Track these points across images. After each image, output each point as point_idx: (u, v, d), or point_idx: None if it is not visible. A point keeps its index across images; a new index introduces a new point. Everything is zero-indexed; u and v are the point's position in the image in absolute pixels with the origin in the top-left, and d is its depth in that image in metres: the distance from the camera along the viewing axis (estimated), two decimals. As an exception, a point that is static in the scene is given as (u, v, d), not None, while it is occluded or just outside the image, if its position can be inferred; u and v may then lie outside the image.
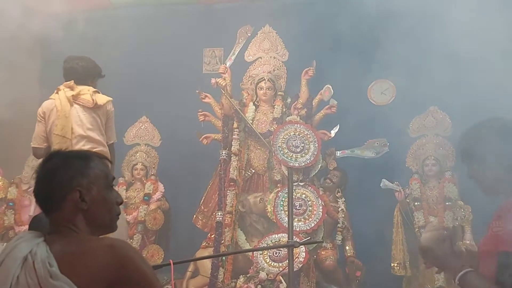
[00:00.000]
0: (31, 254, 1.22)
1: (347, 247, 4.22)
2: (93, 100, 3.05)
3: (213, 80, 4.52)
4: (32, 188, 5.16)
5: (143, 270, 1.24)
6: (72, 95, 3.07)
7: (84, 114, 3.07)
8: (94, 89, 3.15)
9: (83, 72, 3.14)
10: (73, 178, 1.31)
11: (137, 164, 4.71)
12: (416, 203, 4.19)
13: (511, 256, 1.32)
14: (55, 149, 1.40)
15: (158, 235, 4.53)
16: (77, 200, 1.30)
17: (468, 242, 3.93)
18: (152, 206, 4.54)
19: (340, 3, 4.36)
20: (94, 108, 3.06)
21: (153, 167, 4.76)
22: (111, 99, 3.15)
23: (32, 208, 4.65)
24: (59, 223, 1.29)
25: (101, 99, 3.11)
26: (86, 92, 3.10)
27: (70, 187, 1.30)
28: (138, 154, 4.73)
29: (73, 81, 3.13)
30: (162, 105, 4.66)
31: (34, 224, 1.87)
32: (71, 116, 3.03)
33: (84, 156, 1.36)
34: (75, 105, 3.07)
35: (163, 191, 4.63)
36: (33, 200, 4.66)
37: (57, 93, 3.15)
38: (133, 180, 4.72)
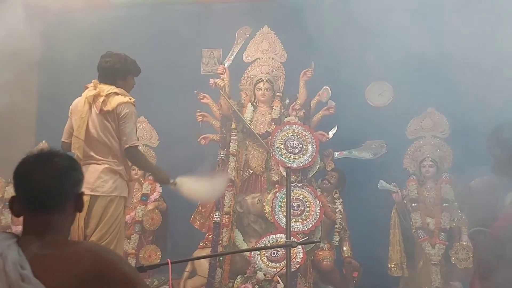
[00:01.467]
0: (1, 257, 1.17)
1: (344, 248, 4.24)
2: (101, 106, 2.87)
3: (211, 81, 4.52)
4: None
5: (124, 271, 1.22)
6: (93, 95, 2.92)
7: (98, 121, 2.90)
8: (114, 91, 2.91)
9: (108, 70, 2.94)
10: (80, 181, 1.30)
11: (135, 164, 4.70)
12: (413, 204, 4.20)
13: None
14: (52, 149, 1.33)
15: (155, 236, 4.53)
16: (81, 205, 1.29)
17: (465, 243, 3.95)
18: (150, 206, 4.54)
19: (339, 5, 4.38)
20: (104, 114, 2.89)
21: (151, 167, 4.75)
22: (123, 101, 2.88)
23: (29, 208, 4.63)
24: (50, 224, 1.24)
25: (113, 103, 2.87)
26: (103, 94, 2.91)
27: (78, 190, 1.28)
28: (136, 154, 4.72)
29: (97, 79, 2.98)
30: (160, 105, 4.66)
31: None
32: (86, 118, 2.90)
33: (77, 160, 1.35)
34: (94, 109, 2.92)
35: (160, 191, 4.62)
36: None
37: (85, 90, 3.03)
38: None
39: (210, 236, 4.25)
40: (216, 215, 4.24)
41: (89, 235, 2.79)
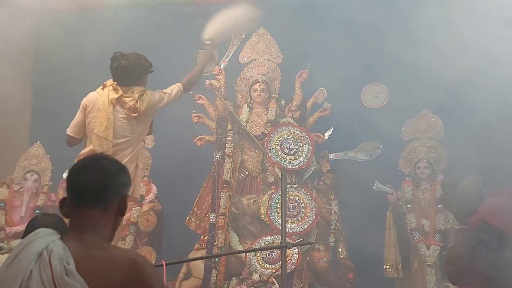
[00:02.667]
0: (46, 250, 1.22)
1: (339, 249, 4.24)
2: (137, 108, 2.92)
3: (207, 82, 4.52)
4: (23, 189, 5.07)
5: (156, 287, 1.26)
6: (116, 98, 2.95)
7: (125, 122, 2.94)
8: (141, 91, 2.97)
9: (124, 73, 2.97)
10: (126, 185, 1.36)
11: (130, 165, 4.68)
12: (408, 206, 4.22)
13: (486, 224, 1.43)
14: (102, 153, 1.45)
15: (150, 237, 4.51)
16: (124, 207, 1.35)
17: (459, 244, 3.96)
18: (145, 208, 4.52)
19: (334, 7, 4.39)
20: (139, 116, 2.95)
21: (146, 169, 4.73)
22: (149, 96, 2.98)
23: (23, 209, 4.61)
24: (91, 221, 1.29)
25: (145, 101, 2.95)
26: (130, 96, 2.94)
27: (123, 192, 1.35)
28: (131, 155, 4.70)
29: (115, 82, 3.00)
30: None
31: (31, 226, 1.85)
32: (112, 119, 2.92)
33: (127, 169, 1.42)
34: (118, 108, 2.95)
35: (156, 192, 4.61)
36: (25, 200, 4.69)
37: (102, 89, 3.02)
38: (126, 181, 4.69)
39: (205, 238, 4.24)
40: (211, 216, 4.24)
41: None
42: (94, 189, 1.30)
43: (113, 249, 1.32)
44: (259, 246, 3.92)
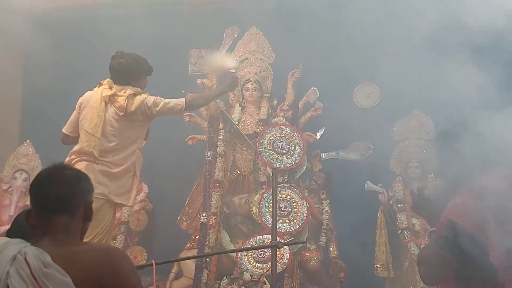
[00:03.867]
0: (20, 253, 1.25)
1: (331, 249, 4.25)
2: (124, 107, 2.88)
3: (199, 81, 4.50)
4: (13, 188, 5.02)
5: (132, 282, 1.30)
6: (109, 95, 2.91)
7: (114, 122, 2.90)
8: (134, 92, 2.93)
9: (121, 71, 2.95)
10: (90, 191, 1.41)
11: (121, 164, 4.65)
12: (399, 205, 4.23)
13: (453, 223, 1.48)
14: (62, 163, 1.47)
15: (141, 236, 4.48)
16: (90, 212, 1.39)
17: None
18: (136, 207, 4.49)
19: (327, 6, 4.40)
20: (127, 116, 2.90)
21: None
22: (143, 98, 2.92)
23: (12, 208, 4.56)
24: (60, 227, 1.33)
25: (135, 103, 2.90)
26: (122, 95, 2.91)
27: (88, 198, 1.40)
28: (122, 154, 4.67)
29: (111, 80, 2.98)
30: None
31: (17, 222, 1.83)
32: (103, 117, 2.89)
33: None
34: (109, 106, 2.92)
35: (147, 192, 4.58)
36: (14, 200, 4.64)
37: (98, 87, 3.01)
38: (116, 181, 4.67)
39: (196, 237, 4.23)
40: (203, 216, 4.22)
41: None
42: (60, 197, 1.35)
43: (87, 243, 1.38)
44: (250, 246, 3.92)
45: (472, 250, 1.41)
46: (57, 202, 1.34)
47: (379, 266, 4.16)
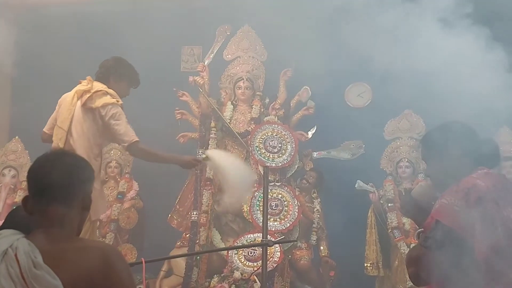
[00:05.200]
0: (11, 248, 1.21)
1: (321, 247, 4.26)
2: (86, 100, 2.83)
3: (191, 78, 4.48)
4: (1, 185, 4.95)
5: (125, 283, 1.27)
6: (83, 90, 2.88)
7: (82, 115, 2.86)
8: (105, 90, 2.87)
9: (103, 68, 2.96)
10: (90, 179, 1.36)
11: (111, 162, 4.62)
12: (389, 204, 4.26)
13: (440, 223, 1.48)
14: (63, 149, 1.39)
15: (131, 234, 4.46)
16: (89, 201, 1.35)
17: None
18: (126, 205, 4.47)
19: (319, 5, 4.40)
20: (88, 110, 2.84)
21: (128, 165, 4.69)
22: (110, 102, 2.83)
23: (0, 205, 4.51)
24: (56, 218, 1.28)
25: (98, 101, 2.83)
26: (92, 90, 2.88)
27: (87, 187, 1.35)
28: (112, 152, 4.64)
29: (90, 76, 2.97)
30: (139, 102, 4.58)
31: (11, 218, 1.80)
32: (73, 111, 2.87)
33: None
34: (79, 102, 2.89)
35: (137, 189, 4.56)
36: (2, 196, 4.59)
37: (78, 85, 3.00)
38: (106, 178, 4.63)
39: (187, 235, 4.22)
40: (193, 214, 4.21)
41: None
42: (58, 185, 1.29)
43: (82, 241, 1.33)
44: (241, 244, 3.91)
45: (460, 250, 1.42)
46: (54, 191, 1.28)
47: (369, 265, 4.18)
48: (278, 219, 4.06)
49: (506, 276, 1.40)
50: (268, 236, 2.71)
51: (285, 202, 4.12)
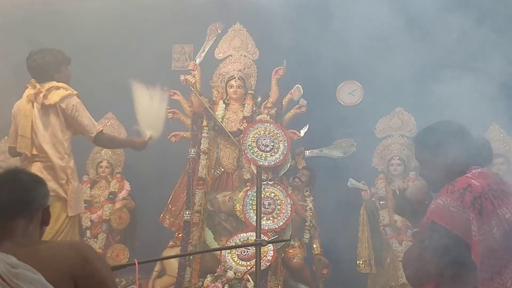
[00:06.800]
0: None
1: (314, 245, 4.27)
2: (42, 100, 2.85)
3: (182, 77, 4.45)
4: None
5: (102, 273, 1.31)
6: (34, 93, 2.90)
7: (40, 116, 2.88)
8: (55, 85, 2.90)
9: (39, 68, 2.94)
10: (47, 195, 1.41)
11: (102, 161, 4.58)
12: (381, 202, 4.28)
13: (436, 224, 1.49)
14: (18, 167, 1.51)
15: (123, 235, 4.43)
16: (47, 217, 1.40)
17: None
18: (118, 205, 4.43)
19: (311, 4, 4.40)
20: (47, 108, 2.86)
21: (119, 165, 4.65)
22: (66, 94, 2.88)
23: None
24: (18, 230, 1.32)
25: (55, 97, 2.87)
26: (43, 90, 2.90)
27: (45, 202, 1.40)
28: (103, 152, 4.59)
29: (33, 79, 2.96)
30: (129, 101, 4.54)
31: None
32: (31, 116, 2.88)
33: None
34: (35, 104, 2.90)
35: (129, 189, 4.53)
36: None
37: (25, 90, 3.00)
38: (98, 178, 4.60)
39: (180, 235, 4.19)
40: (186, 213, 4.19)
41: None
42: (17, 202, 1.35)
43: (50, 241, 1.43)
44: (234, 244, 3.91)
45: (456, 251, 1.43)
46: (15, 205, 1.34)
47: (361, 262, 4.21)
48: (271, 218, 4.06)
49: (502, 275, 1.41)
50: (261, 235, 2.70)
51: (278, 201, 4.12)
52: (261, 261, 3.18)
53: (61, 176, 2.86)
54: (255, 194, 3.68)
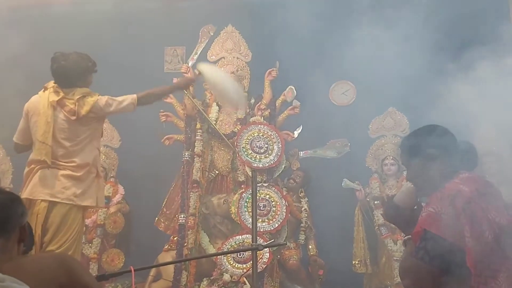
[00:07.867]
0: None
1: (310, 246, 4.28)
2: (75, 111, 2.79)
3: (174, 80, 4.43)
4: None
5: (86, 278, 1.35)
6: (57, 100, 2.82)
7: (66, 125, 2.82)
8: (83, 93, 2.84)
9: (64, 74, 2.85)
10: (24, 214, 1.42)
11: (95, 166, 4.55)
12: (375, 202, 4.30)
13: (429, 233, 1.49)
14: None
15: (118, 239, 4.40)
16: (24, 235, 1.40)
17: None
18: (112, 209, 4.40)
19: (303, 4, 4.40)
20: (79, 119, 2.81)
21: (113, 169, 4.62)
22: (94, 100, 2.83)
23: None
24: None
25: (86, 106, 2.81)
26: (71, 98, 2.82)
27: (22, 220, 1.41)
28: (96, 156, 4.56)
29: (56, 84, 2.88)
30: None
31: None
32: (54, 122, 2.80)
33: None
34: (59, 110, 2.82)
35: (123, 193, 4.50)
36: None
37: (44, 91, 2.90)
38: (91, 183, 4.56)
39: (175, 239, 4.18)
40: (181, 217, 4.18)
41: (47, 242, 2.67)
42: None
43: (32, 255, 1.44)
44: (230, 246, 3.91)
45: (452, 258, 1.43)
46: None
47: (357, 262, 4.22)
48: (266, 220, 4.06)
49: (496, 279, 1.41)
50: (257, 238, 2.70)
51: (273, 203, 4.12)
52: (257, 263, 3.17)
53: (92, 170, 2.85)
54: (250, 196, 3.68)
